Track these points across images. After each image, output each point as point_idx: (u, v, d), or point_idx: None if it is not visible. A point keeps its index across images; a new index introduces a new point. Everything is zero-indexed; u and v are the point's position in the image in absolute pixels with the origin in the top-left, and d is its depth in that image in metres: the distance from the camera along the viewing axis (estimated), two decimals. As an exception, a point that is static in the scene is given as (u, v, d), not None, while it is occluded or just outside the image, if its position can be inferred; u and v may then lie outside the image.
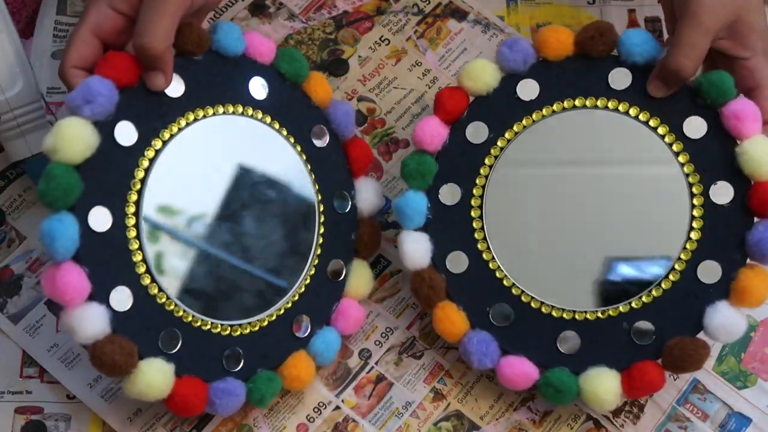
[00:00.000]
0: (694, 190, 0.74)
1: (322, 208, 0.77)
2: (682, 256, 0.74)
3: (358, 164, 0.81)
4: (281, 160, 0.77)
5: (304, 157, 0.77)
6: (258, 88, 0.76)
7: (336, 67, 0.90)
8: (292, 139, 0.77)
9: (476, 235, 0.77)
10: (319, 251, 0.77)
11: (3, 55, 0.75)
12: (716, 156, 0.74)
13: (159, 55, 0.69)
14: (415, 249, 0.76)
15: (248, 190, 0.75)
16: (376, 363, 0.80)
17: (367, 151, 0.82)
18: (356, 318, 0.79)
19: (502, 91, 0.77)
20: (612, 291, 0.75)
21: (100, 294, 0.67)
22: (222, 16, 0.91)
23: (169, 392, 0.69)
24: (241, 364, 0.73)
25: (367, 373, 0.79)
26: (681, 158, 0.75)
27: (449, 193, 0.77)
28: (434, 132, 0.77)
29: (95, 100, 0.66)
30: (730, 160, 0.73)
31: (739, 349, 0.81)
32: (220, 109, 0.74)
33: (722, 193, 0.74)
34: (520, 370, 0.74)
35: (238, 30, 0.75)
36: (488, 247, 0.76)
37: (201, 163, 0.73)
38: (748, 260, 0.73)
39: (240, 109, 0.74)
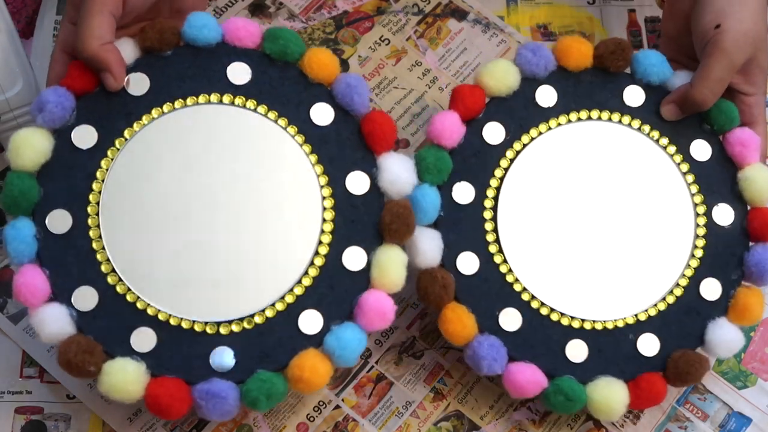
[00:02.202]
0: (698, 210, 0.77)
1: (329, 192, 0.73)
2: (686, 273, 0.76)
3: (375, 139, 0.74)
4: (268, 143, 0.74)
5: (301, 139, 0.74)
6: (238, 73, 0.74)
7: (336, 66, 0.89)
8: (283, 122, 0.74)
9: (488, 237, 0.75)
10: (328, 239, 0.72)
11: (3, 55, 0.75)
12: (719, 179, 0.77)
13: (93, 55, 0.69)
14: (429, 246, 0.73)
15: (228, 178, 0.72)
16: (377, 362, 0.80)
17: (384, 123, 0.74)
18: (378, 311, 0.71)
19: (521, 95, 0.77)
20: (619, 302, 0.75)
21: (62, 294, 0.69)
22: (222, 16, 0.91)
23: (141, 393, 0.67)
24: (233, 365, 0.69)
25: (368, 372, 0.79)
26: (688, 178, 0.77)
27: (463, 192, 0.75)
28: (454, 128, 0.75)
29: (45, 108, 0.70)
30: (732, 184, 0.77)
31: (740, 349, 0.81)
32: (191, 101, 0.73)
33: (724, 214, 0.77)
34: (532, 377, 0.72)
35: (207, 19, 0.73)
36: (500, 250, 0.75)
37: (168, 157, 0.72)
38: (742, 281, 0.77)
39: (216, 97, 0.73)
